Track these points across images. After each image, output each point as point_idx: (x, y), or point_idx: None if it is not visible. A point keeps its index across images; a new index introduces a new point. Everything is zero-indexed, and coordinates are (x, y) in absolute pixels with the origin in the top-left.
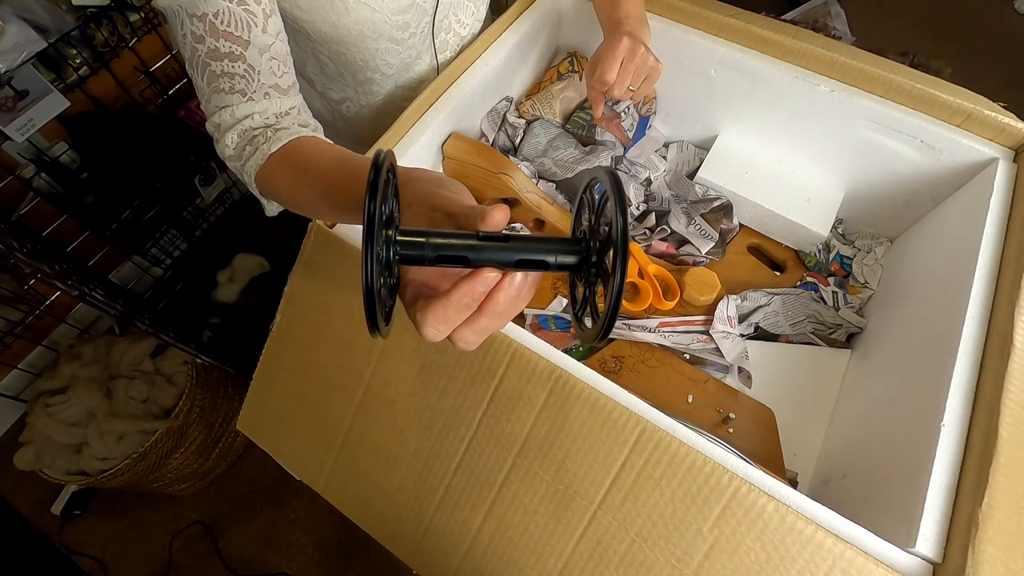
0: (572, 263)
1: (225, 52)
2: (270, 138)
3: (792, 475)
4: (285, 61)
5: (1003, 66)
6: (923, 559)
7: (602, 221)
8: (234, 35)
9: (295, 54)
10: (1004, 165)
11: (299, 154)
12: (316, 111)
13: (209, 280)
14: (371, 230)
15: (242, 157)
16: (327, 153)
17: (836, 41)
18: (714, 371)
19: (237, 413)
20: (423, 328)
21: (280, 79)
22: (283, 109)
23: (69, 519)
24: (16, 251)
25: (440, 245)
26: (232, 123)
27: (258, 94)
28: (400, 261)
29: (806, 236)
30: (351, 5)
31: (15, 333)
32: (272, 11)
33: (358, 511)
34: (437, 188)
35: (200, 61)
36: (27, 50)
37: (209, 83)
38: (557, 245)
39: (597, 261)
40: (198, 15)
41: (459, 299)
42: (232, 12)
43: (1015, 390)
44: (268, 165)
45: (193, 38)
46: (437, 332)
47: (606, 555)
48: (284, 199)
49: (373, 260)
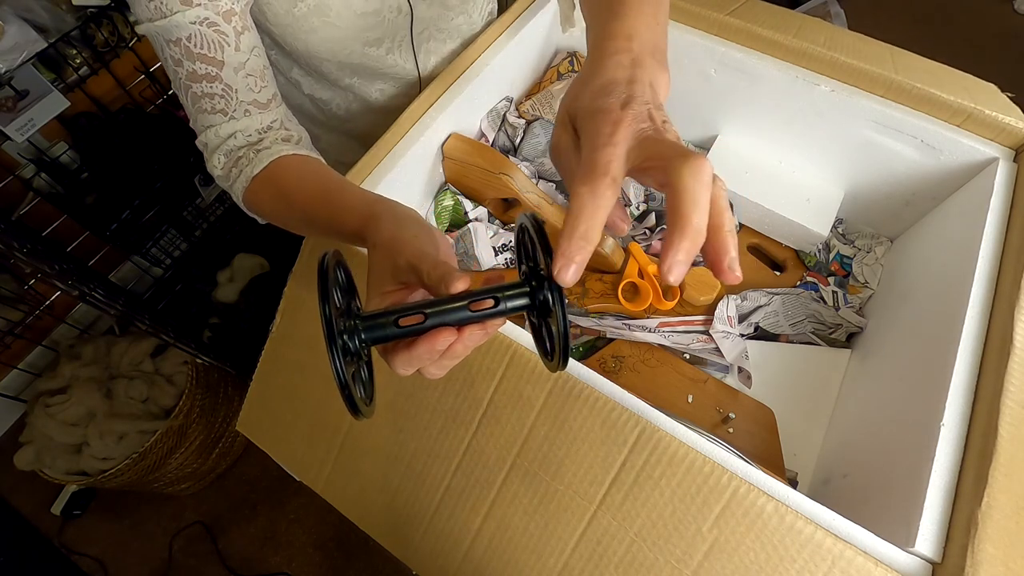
0: (525, 304)
1: (202, 74)
2: (252, 159)
3: (792, 475)
4: (262, 76)
5: (1003, 66)
6: (922, 559)
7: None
8: (208, 56)
9: (280, 60)
10: (1004, 165)
11: (280, 178)
12: (306, 112)
13: (209, 280)
14: (331, 335)
15: (229, 178)
16: (304, 177)
17: (837, 38)
18: (714, 371)
19: (237, 413)
20: (393, 367)
21: (258, 94)
22: (265, 124)
23: (69, 519)
24: (16, 251)
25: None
26: (218, 143)
27: (238, 112)
28: (369, 343)
29: (806, 236)
30: (316, 24)
31: (15, 333)
32: (244, 27)
33: (358, 511)
34: (400, 232)
35: (182, 83)
36: (27, 50)
37: (193, 104)
38: (507, 292)
39: (543, 300)
40: (173, 40)
41: (421, 354)
42: (203, 35)
43: (1015, 390)
44: (253, 187)
45: (173, 62)
46: (406, 372)
47: (606, 555)
48: (272, 220)
49: (340, 359)
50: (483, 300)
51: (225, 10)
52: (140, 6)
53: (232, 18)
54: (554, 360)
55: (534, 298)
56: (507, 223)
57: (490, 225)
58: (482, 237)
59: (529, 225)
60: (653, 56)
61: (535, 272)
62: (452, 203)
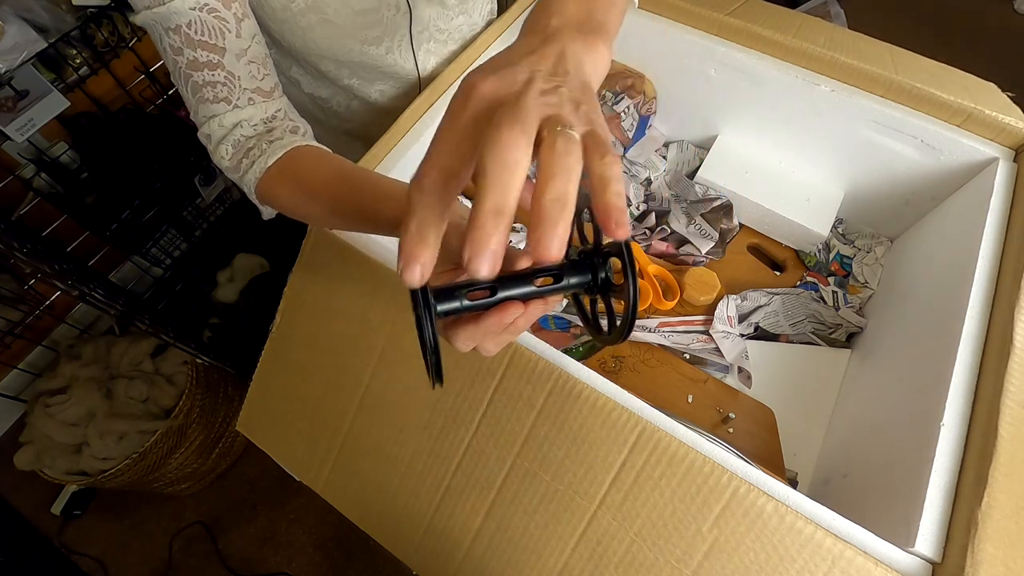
0: (585, 281)
1: (204, 62)
2: (265, 150)
3: (792, 475)
4: (264, 63)
5: (1003, 66)
6: (922, 558)
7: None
8: (209, 43)
9: (279, 59)
10: (1004, 165)
11: (297, 168)
12: (305, 110)
13: (209, 280)
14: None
15: (239, 169)
16: (325, 167)
17: (837, 38)
18: (714, 371)
19: (237, 413)
20: (454, 343)
21: (261, 82)
22: (269, 113)
23: (69, 519)
24: (16, 251)
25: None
26: (223, 134)
27: (242, 100)
28: (439, 315)
29: (806, 236)
30: (313, 21)
31: (15, 333)
32: (244, 15)
33: (358, 511)
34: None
35: (182, 73)
36: (27, 50)
37: (194, 94)
38: (568, 270)
39: (605, 276)
40: (172, 27)
41: (487, 327)
42: (204, 21)
43: (1015, 390)
44: (267, 179)
45: (172, 51)
46: (466, 346)
47: (606, 555)
48: (288, 212)
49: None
50: (547, 276)
51: None
52: None
53: (232, 4)
54: (614, 334)
55: (596, 274)
56: None
57: None
58: None
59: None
60: (579, 29)
61: (595, 250)
62: None
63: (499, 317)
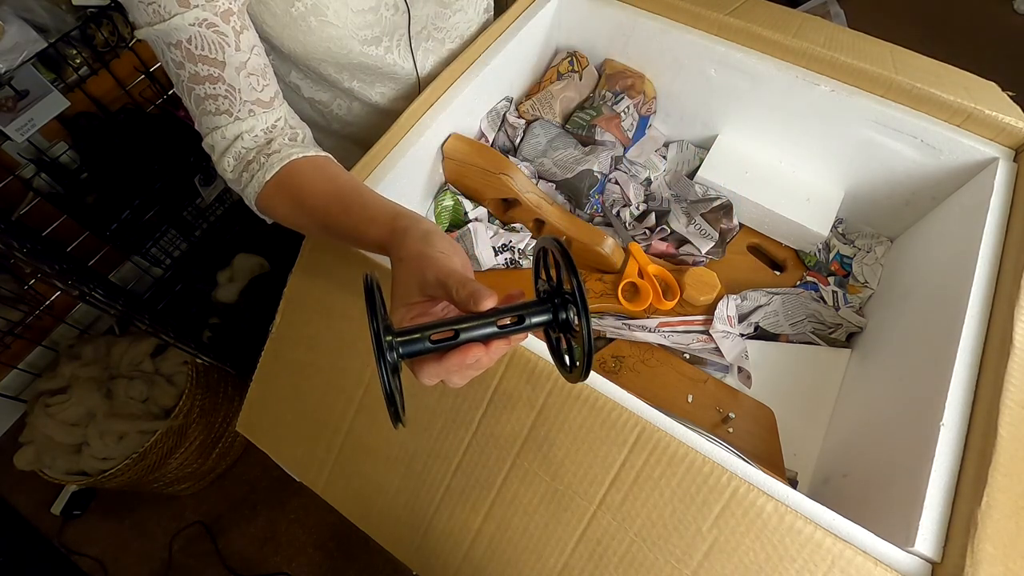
0: (547, 320)
1: (204, 75)
2: (263, 164)
3: (792, 474)
4: (263, 74)
5: (1003, 66)
6: (922, 558)
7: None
8: (209, 57)
9: (278, 65)
10: (1004, 165)
11: (293, 185)
12: (306, 115)
13: (209, 280)
14: (381, 352)
15: (241, 182)
16: (320, 183)
17: (837, 38)
18: (714, 371)
19: (237, 413)
20: (420, 378)
21: (261, 93)
22: (269, 123)
23: (69, 519)
24: (16, 251)
25: (435, 336)
26: (225, 146)
27: (243, 112)
28: (403, 357)
29: (806, 236)
30: (313, 24)
31: (15, 333)
32: (243, 27)
33: (358, 512)
34: (428, 248)
35: (185, 86)
36: (27, 50)
37: (197, 106)
38: (531, 309)
39: (565, 318)
40: (173, 43)
41: (449, 366)
42: (204, 36)
43: (1015, 390)
44: (266, 193)
45: (175, 65)
46: (431, 382)
47: (606, 555)
48: (285, 224)
49: (389, 375)
50: (510, 316)
51: (223, 10)
52: (138, 11)
53: (231, 18)
54: (574, 373)
55: (556, 315)
56: (507, 223)
57: (490, 225)
58: (482, 237)
59: (554, 249)
60: None
61: (557, 291)
62: (452, 203)
63: (460, 358)
